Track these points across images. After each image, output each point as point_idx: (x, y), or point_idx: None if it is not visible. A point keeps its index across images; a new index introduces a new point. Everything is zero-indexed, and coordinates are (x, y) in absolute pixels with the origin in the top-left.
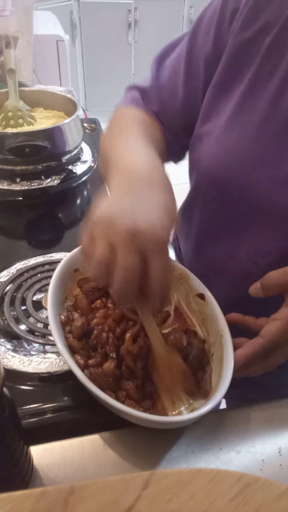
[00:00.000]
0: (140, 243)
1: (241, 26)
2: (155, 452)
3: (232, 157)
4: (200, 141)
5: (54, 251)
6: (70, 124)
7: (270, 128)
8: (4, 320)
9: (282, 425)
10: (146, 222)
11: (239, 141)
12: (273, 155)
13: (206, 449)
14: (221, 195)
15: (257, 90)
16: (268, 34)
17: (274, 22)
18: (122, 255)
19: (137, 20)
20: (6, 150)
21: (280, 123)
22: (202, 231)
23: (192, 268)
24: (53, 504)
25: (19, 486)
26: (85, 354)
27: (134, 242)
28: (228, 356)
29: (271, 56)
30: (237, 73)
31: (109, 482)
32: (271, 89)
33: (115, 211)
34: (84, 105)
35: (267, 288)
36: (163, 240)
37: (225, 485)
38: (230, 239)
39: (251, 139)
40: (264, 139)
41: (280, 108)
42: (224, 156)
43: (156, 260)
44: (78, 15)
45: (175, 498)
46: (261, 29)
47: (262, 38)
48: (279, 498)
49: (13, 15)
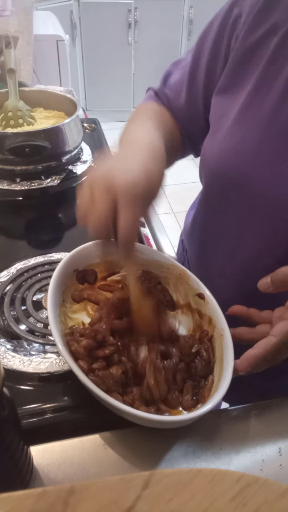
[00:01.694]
0: (113, 194)
1: (248, 31)
2: (155, 452)
3: (238, 156)
4: (208, 141)
5: (54, 251)
6: (70, 124)
7: (276, 127)
8: (4, 320)
9: (282, 425)
10: (121, 178)
11: (245, 140)
12: (279, 154)
13: (206, 449)
14: (225, 193)
15: (263, 89)
16: (275, 35)
17: (281, 24)
18: (97, 202)
19: (137, 20)
20: (6, 150)
21: (286, 122)
22: (206, 231)
23: (196, 269)
24: (53, 504)
25: (19, 486)
26: (88, 361)
27: (109, 193)
28: (228, 356)
29: (278, 57)
30: (244, 75)
31: (109, 482)
32: (277, 88)
33: (103, 171)
34: (84, 105)
35: (278, 283)
36: (133, 193)
37: (225, 485)
38: (233, 239)
39: (257, 138)
40: (270, 138)
41: (286, 107)
42: (230, 155)
43: (123, 209)
44: (78, 15)
45: (175, 498)
46: (268, 31)
47: (270, 40)
48: (279, 498)
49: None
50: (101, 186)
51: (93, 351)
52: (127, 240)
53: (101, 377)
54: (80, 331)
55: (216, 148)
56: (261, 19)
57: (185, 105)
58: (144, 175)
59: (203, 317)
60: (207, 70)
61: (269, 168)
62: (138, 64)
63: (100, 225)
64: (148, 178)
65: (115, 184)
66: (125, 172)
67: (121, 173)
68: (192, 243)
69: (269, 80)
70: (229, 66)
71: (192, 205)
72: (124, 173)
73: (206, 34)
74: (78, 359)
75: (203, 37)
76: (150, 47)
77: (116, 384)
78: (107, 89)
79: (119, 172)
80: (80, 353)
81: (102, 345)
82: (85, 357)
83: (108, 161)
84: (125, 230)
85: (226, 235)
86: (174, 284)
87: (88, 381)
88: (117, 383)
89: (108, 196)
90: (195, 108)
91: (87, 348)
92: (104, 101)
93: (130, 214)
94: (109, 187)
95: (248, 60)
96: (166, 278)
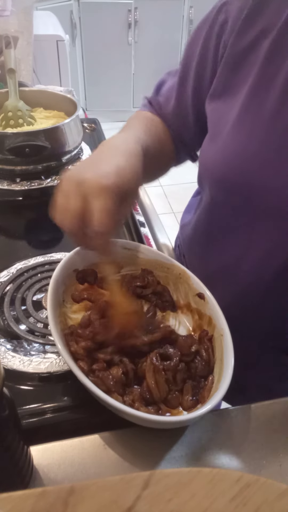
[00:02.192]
0: (84, 189)
1: (238, 35)
2: (155, 452)
3: (242, 159)
4: (207, 148)
5: (54, 251)
6: (70, 124)
7: (278, 127)
8: (4, 320)
9: (282, 425)
10: (91, 174)
11: (248, 143)
12: (283, 154)
13: (206, 449)
14: (233, 197)
15: (261, 93)
16: (266, 38)
17: (270, 28)
18: (70, 199)
19: (137, 20)
20: (6, 150)
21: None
22: (211, 237)
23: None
24: (53, 504)
25: (19, 486)
26: (88, 361)
27: (79, 189)
28: (228, 356)
29: (272, 59)
30: (238, 79)
31: (109, 482)
32: (276, 90)
33: (75, 171)
34: (84, 105)
35: None
36: (103, 185)
37: (225, 485)
38: (243, 242)
39: (259, 140)
40: (273, 138)
41: (287, 107)
42: (234, 159)
43: (94, 201)
44: (78, 15)
45: (175, 498)
46: (258, 35)
47: (260, 43)
48: (279, 498)
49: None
50: (72, 184)
51: (93, 353)
52: (101, 232)
53: (101, 377)
54: (78, 333)
55: (217, 153)
56: (250, 23)
57: (175, 110)
58: (114, 169)
59: (203, 317)
60: (196, 76)
61: (274, 168)
62: (138, 64)
63: (73, 221)
64: (118, 172)
65: (85, 180)
66: (95, 168)
67: (91, 170)
68: (194, 249)
69: (266, 82)
70: (221, 71)
71: (187, 209)
72: (93, 169)
73: (193, 41)
74: (78, 360)
75: (190, 43)
76: (150, 47)
77: (116, 385)
78: (107, 89)
79: (89, 169)
80: (79, 354)
81: (102, 346)
82: (85, 358)
83: (81, 163)
84: (98, 221)
85: (235, 239)
86: (174, 284)
87: (88, 382)
88: (117, 383)
89: (80, 193)
90: (185, 113)
91: (87, 349)
92: (104, 101)
93: (101, 204)
94: (80, 183)
95: (241, 64)
96: (166, 278)
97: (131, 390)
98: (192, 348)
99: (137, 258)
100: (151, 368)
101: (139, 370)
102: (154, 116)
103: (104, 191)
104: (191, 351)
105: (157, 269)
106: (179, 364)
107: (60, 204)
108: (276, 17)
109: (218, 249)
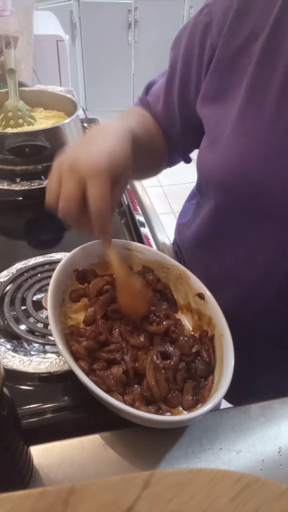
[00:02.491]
0: (78, 172)
1: (227, 38)
2: (155, 452)
3: (245, 162)
4: (206, 153)
5: (54, 251)
6: (70, 124)
7: (279, 128)
8: (4, 320)
9: (282, 425)
10: (84, 157)
11: (250, 145)
12: (286, 155)
13: (206, 449)
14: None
15: (258, 94)
16: (256, 40)
17: (258, 29)
18: (64, 182)
19: (137, 20)
20: (6, 150)
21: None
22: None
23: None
24: (53, 504)
25: (19, 486)
26: (89, 361)
27: (74, 171)
28: (228, 356)
29: (266, 61)
30: (232, 82)
31: (109, 482)
32: (273, 91)
33: (68, 154)
34: (84, 105)
35: None
36: (98, 168)
37: (225, 485)
38: (249, 246)
39: (261, 142)
40: (275, 140)
41: (287, 107)
42: (237, 162)
43: (91, 185)
44: (78, 15)
45: (175, 498)
46: (248, 37)
47: (251, 45)
48: (279, 498)
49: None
50: (66, 168)
51: (94, 352)
52: (100, 213)
53: (102, 377)
54: (80, 332)
55: (219, 158)
56: (237, 25)
57: (162, 111)
58: (106, 152)
59: (203, 317)
60: (181, 78)
61: (277, 168)
62: (138, 64)
63: (69, 205)
64: (110, 154)
65: (79, 163)
66: (87, 152)
67: (83, 153)
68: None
69: (262, 84)
70: (212, 74)
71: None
72: (86, 153)
73: (178, 43)
74: (79, 360)
75: (175, 46)
76: (150, 47)
77: (117, 384)
78: (107, 89)
79: (82, 153)
80: (81, 353)
81: (104, 345)
82: (86, 358)
83: (72, 147)
84: (96, 202)
85: (242, 243)
86: (174, 284)
87: (89, 382)
88: (118, 383)
89: (74, 176)
90: (172, 114)
91: (88, 349)
92: (104, 101)
93: (98, 186)
94: (73, 167)
95: (233, 67)
96: (166, 278)
97: (132, 389)
98: (193, 349)
99: (137, 258)
100: (152, 366)
101: (139, 368)
102: (145, 112)
103: (98, 173)
104: (191, 352)
105: (157, 269)
106: (179, 363)
107: (54, 189)
108: (264, 18)
109: (225, 254)
